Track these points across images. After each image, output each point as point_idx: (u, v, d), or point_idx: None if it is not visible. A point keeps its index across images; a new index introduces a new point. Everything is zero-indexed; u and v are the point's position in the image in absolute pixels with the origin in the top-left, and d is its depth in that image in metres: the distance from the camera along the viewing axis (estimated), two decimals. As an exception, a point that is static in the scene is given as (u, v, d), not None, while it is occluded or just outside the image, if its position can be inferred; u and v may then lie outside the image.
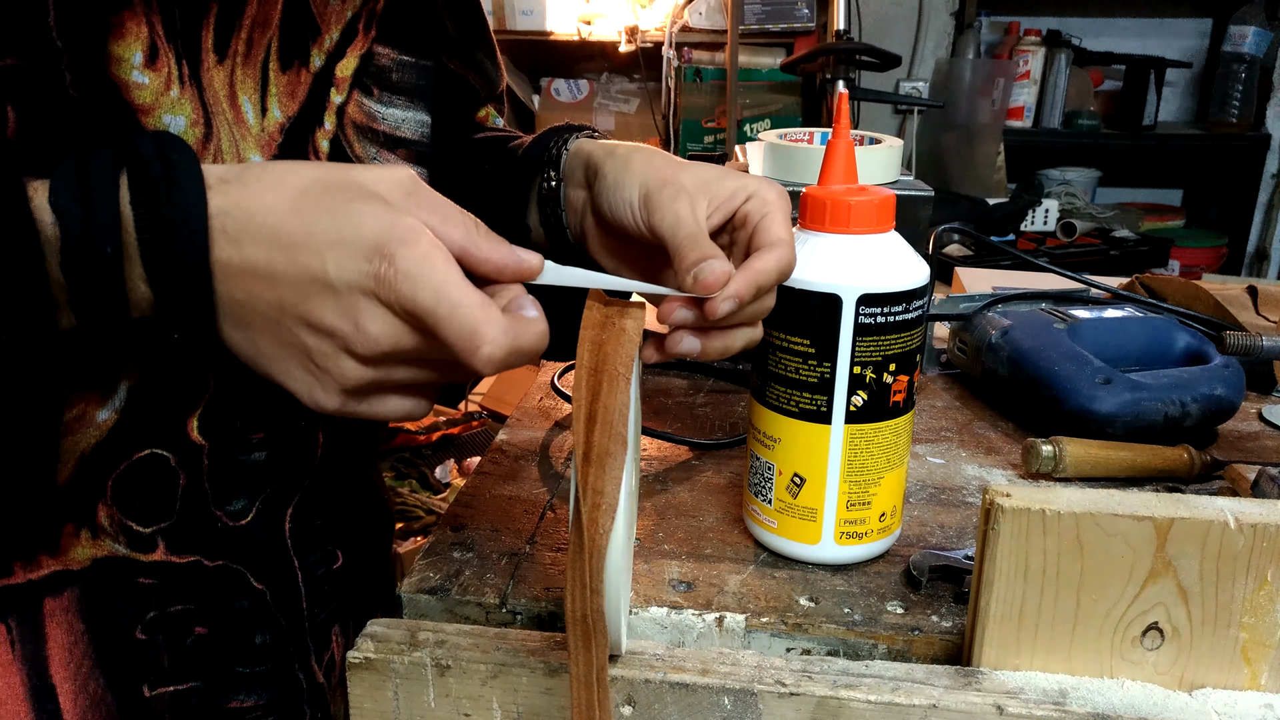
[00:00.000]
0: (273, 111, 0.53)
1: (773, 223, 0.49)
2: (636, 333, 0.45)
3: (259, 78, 0.52)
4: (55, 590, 0.50)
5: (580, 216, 0.58)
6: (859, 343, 0.51)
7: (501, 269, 0.42)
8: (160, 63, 0.47)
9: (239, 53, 0.51)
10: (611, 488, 0.41)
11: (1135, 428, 0.69)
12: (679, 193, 0.50)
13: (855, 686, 0.46)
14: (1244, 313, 0.87)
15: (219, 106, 0.50)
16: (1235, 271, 2.74)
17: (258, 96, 0.52)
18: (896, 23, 2.82)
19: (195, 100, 0.49)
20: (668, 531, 0.60)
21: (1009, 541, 0.44)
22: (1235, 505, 0.44)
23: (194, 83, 0.49)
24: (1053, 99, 2.73)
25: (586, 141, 0.59)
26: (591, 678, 0.42)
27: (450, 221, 0.41)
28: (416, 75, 0.61)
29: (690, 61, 2.65)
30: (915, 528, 0.60)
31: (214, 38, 0.49)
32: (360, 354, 0.40)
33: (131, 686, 0.52)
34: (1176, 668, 0.46)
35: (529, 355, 0.40)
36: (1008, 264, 1.44)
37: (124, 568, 0.52)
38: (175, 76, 0.47)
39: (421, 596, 0.53)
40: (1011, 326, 0.78)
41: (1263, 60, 2.63)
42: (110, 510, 0.51)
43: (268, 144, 0.53)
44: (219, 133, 0.50)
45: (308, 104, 0.54)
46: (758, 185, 0.51)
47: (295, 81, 0.54)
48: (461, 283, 0.38)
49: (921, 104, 2.59)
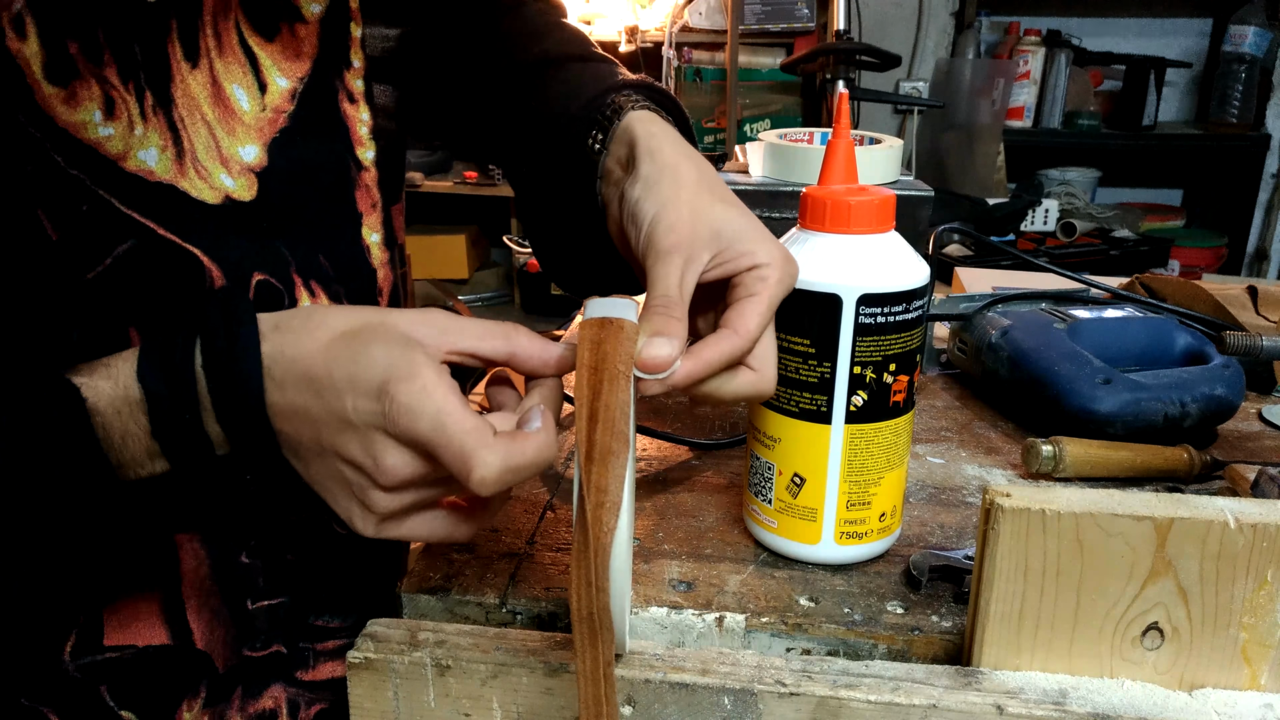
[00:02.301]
0: (274, 84, 0.54)
1: (748, 308, 0.47)
2: (635, 331, 0.45)
3: (243, 59, 0.53)
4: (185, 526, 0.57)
5: (613, 192, 0.56)
6: (859, 343, 0.51)
7: (546, 365, 0.46)
8: (119, 110, 0.49)
9: (210, 48, 0.52)
10: (615, 485, 0.41)
11: (1135, 428, 0.69)
12: (676, 247, 0.48)
13: (855, 686, 0.46)
14: (1244, 313, 0.87)
15: (196, 115, 0.51)
16: (1235, 271, 2.74)
17: (250, 78, 0.53)
18: (896, 23, 2.82)
19: (162, 125, 0.50)
20: (668, 531, 0.60)
21: (1009, 541, 0.44)
22: (1235, 505, 0.44)
23: (160, 107, 0.50)
24: (1053, 99, 2.73)
25: (638, 123, 0.54)
26: (599, 674, 0.42)
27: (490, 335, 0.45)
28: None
29: (690, 61, 2.65)
30: (915, 528, 0.60)
31: (181, 49, 0.51)
32: (384, 485, 0.43)
33: (238, 601, 0.59)
34: (1176, 668, 0.46)
35: (527, 471, 0.42)
36: (1008, 264, 1.44)
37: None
38: (138, 114, 0.49)
39: (421, 596, 0.53)
40: (1011, 326, 0.78)
41: (1263, 60, 2.63)
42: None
43: (271, 121, 0.53)
44: (193, 146, 0.51)
45: (323, 54, 0.55)
46: (768, 257, 0.48)
47: (293, 42, 0.54)
48: (457, 411, 0.41)
49: (921, 104, 2.59)
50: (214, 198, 0.52)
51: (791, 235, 0.54)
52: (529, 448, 0.42)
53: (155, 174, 0.50)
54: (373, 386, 0.42)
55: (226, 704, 0.59)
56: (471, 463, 0.40)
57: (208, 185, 0.52)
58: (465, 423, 0.41)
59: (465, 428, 0.41)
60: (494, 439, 0.41)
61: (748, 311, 0.47)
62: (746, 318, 0.47)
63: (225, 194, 0.52)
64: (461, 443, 0.40)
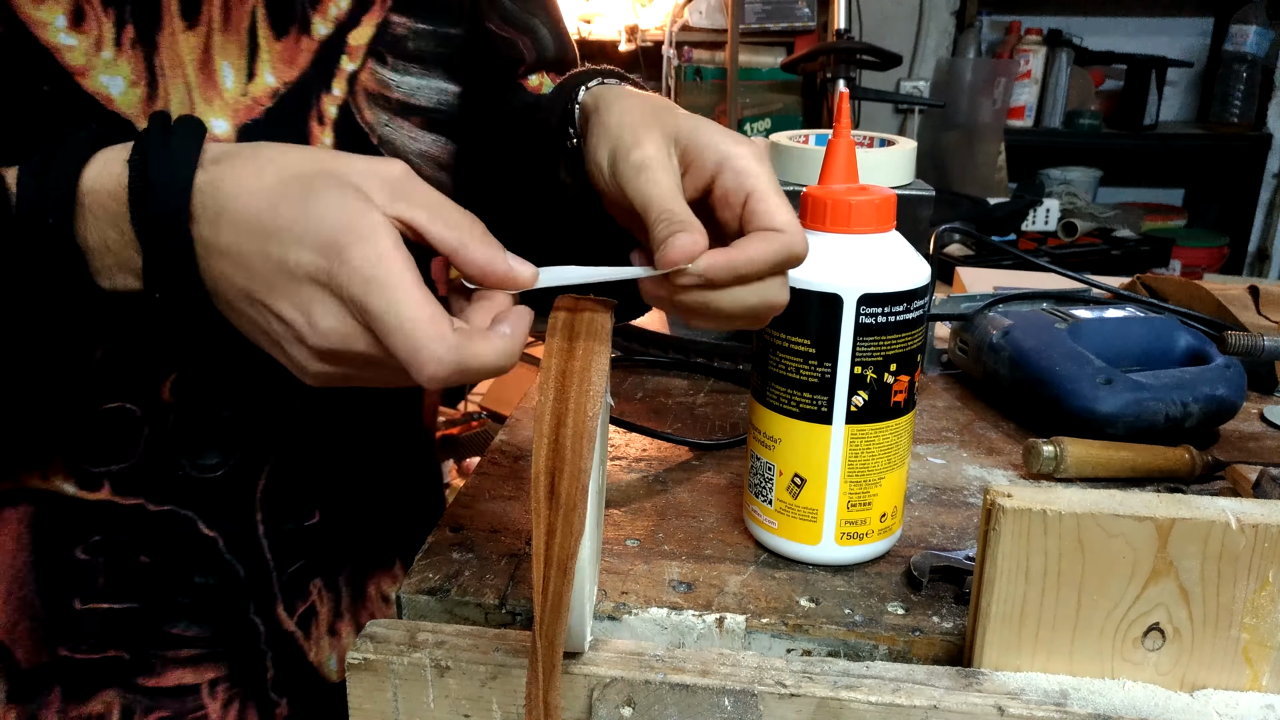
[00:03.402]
0: (262, 77, 0.54)
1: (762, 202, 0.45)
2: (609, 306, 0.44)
3: (245, 44, 0.53)
4: (13, 502, 0.54)
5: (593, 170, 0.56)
6: (860, 343, 0.51)
7: (487, 275, 0.42)
8: (89, 25, 0.48)
9: (214, 19, 0.52)
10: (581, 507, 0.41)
11: (1136, 428, 0.69)
12: (644, 163, 0.46)
13: (856, 687, 0.45)
14: (1245, 313, 0.87)
15: (178, 70, 0.51)
16: (1236, 271, 2.74)
17: (243, 62, 0.53)
18: (897, 22, 2.82)
19: (138, 61, 0.50)
20: (668, 532, 0.59)
21: (1010, 542, 0.44)
22: (1237, 506, 0.43)
23: (141, 45, 0.49)
24: (1054, 98, 2.73)
25: (589, 96, 0.54)
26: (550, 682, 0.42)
27: (441, 219, 0.41)
28: (436, 43, 0.61)
29: (690, 61, 2.65)
30: (916, 528, 0.60)
31: (179, 4, 0.50)
32: (312, 347, 0.40)
33: (62, 598, 0.55)
34: (1178, 668, 0.45)
35: (484, 375, 0.40)
36: (1009, 264, 1.43)
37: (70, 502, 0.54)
38: (110, 39, 0.48)
39: (421, 597, 0.53)
40: (1012, 326, 0.78)
41: (1264, 60, 2.63)
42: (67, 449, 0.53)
43: (248, 108, 0.53)
44: (168, 94, 0.51)
45: (311, 71, 0.55)
46: (731, 145, 0.46)
47: (294, 49, 0.55)
48: (414, 291, 0.38)
49: (922, 103, 2.59)
50: None
51: (792, 235, 0.54)
52: (488, 350, 0.39)
53: (115, 103, 0.49)
54: (321, 240, 0.38)
55: (38, 704, 0.56)
56: (423, 356, 0.38)
57: None
58: (422, 309, 0.38)
59: (421, 314, 0.38)
60: (451, 333, 0.38)
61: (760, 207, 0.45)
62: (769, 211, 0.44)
63: None
64: (414, 330, 0.37)
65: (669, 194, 0.45)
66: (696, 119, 0.49)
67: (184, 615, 0.58)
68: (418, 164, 0.62)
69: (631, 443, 0.72)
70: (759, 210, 0.45)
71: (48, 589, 0.55)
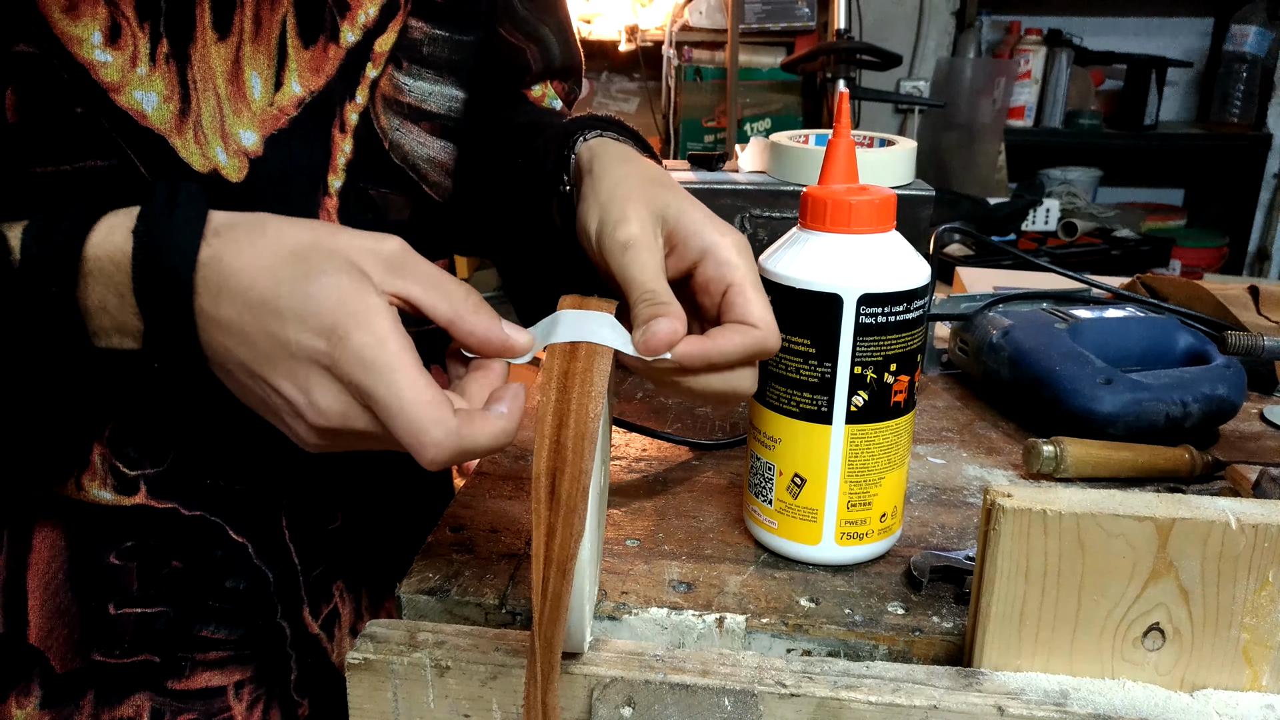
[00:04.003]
0: (289, 86, 0.54)
1: (740, 295, 0.47)
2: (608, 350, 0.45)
3: (274, 53, 0.53)
4: (49, 512, 0.54)
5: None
6: (860, 343, 0.51)
7: (484, 345, 0.43)
8: (124, 41, 0.48)
9: (245, 30, 0.52)
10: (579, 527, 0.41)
11: (1136, 428, 0.69)
12: (630, 241, 0.47)
13: (856, 687, 0.45)
14: (1245, 313, 0.87)
15: (210, 83, 0.51)
16: (1236, 271, 2.74)
17: (271, 71, 0.53)
18: (897, 22, 2.82)
19: (172, 77, 0.50)
20: (668, 532, 0.59)
21: (1010, 542, 0.44)
22: (1237, 506, 0.43)
23: (175, 60, 0.50)
24: (1054, 98, 2.73)
25: (585, 149, 0.56)
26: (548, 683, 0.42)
27: (437, 291, 0.42)
28: (450, 50, 0.61)
29: (690, 60, 2.65)
30: (916, 528, 0.60)
31: (211, 16, 0.50)
32: (311, 423, 0.41)
33: (97, 603, 0.56)
34: (1178, 668, 0.45)
35: (482, 454, 0.41)
36: (1009, 264, 1.44)
37: (104, 510, 0.55)
38: (145, 54, 0.49)
39: (420, 597, 0.53)
40: (1012, 326, 0.78)
41: (1264, 60, 2.63)
42: (104, 450, 0.54)
43: (275, 118, 0.54)
44: (200, 108, 0.51)
45: (338, 79, 0.56)
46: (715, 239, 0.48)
47: (321, 57, 0.55)
48: (414, 374, 0.39)
49: (922, 103, 2.59)
50: (201, 165, 0.52)
51: (792, 235, 0.54)
52: (485, 433, 0.40)
53: (148, 119, 0.49)
54: (322, 324, 0.39)
55: (74, 707, 0.56)
56: (425, 439, 0.39)
57: (200, 152, 0.51)
58: (423, 393, 0.39)
59: (423, 398, 0.39)
60: (452, 416, 0.39)
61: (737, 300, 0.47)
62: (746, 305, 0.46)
63: (214, 167, 0.52)
64: (418, 414, 0.38)
65: (652, 276, 0.47)
66: (685, 199, 0.50)
67: (214, 619, 0.59)
68: (425, 169, 0.62)
69: (631, 443, 0.72)
70: (737, 303, 0.47)
71: (82, 595, 0.55)
